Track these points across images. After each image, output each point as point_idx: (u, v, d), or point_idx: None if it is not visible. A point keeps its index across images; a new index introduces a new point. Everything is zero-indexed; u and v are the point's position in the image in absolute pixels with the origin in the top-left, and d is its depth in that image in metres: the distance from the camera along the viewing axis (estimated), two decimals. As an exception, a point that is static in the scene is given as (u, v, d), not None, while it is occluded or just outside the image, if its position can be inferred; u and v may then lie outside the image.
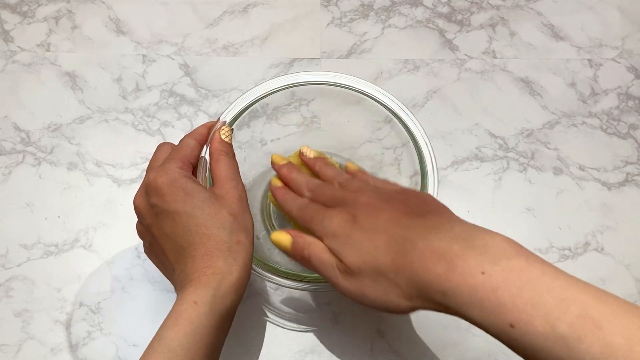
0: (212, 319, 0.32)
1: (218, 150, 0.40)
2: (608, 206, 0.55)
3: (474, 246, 0.28)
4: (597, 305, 0.25)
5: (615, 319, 0.24)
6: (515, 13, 0.66)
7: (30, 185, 0.55)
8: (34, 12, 0.65)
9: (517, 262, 0.27)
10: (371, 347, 0.48)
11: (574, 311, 0.25)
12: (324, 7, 0.66)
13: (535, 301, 0.25)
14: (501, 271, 0.26)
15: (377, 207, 0.33)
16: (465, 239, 0.28)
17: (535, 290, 0.26)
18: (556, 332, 0.25)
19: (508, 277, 0.26)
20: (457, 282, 0.27)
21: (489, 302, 0.26)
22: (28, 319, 0.49)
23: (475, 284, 0.27)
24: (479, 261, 0.27)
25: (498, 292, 0.26)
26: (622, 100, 0.61)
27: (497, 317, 0.26)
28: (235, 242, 0.35)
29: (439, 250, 0.28)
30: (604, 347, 0.24)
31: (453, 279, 0.27)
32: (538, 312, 0.25)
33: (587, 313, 0.24)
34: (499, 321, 0.26)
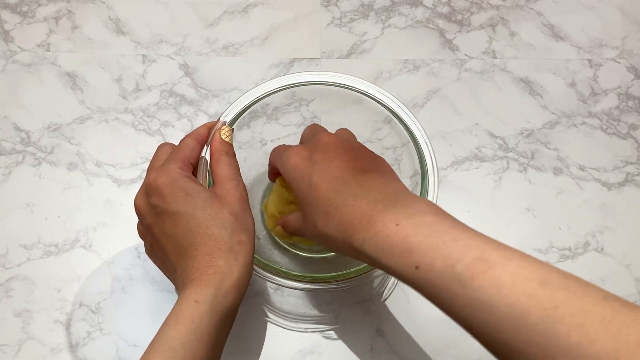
0: (213, 318, 0.32)
1: (218, 150, 0.40)
2: (608, 206, 0.55)
3: (395, 205, 0.31)
4: (494, 251, 0.27)
5: (507, 261, 0.27)
6: (515, 13, 0.66)
7: (30, 185, 0.55)
8: (34, 12, 0.65)
9: (430, 218, 0.30)
10: (371, 347, 0.48)
11: (472, 255, 0.27)
12: (324, 7, 0.66)
13: (439, 246, 0.28)
14: (413, 224, 0.30)
15: (334, 150, 0.35)
16: (389, 199, 0.32)
17: (440, 238, 0.29)
18: (454, 272, 0.27)
19: (418, 228, 0.29)
20: (374, 232, 0.30)
21: (398, 247, 0.29)
22: (28, 319, 0.49)
23: (389, 233, 0.30)
24: (396, 216, 0.30)
25: (407, 239, 0.29)
26: (622, 100, 0.61)
27: (404, 260, 0.29)
28: (236, 242, 0.35)
29: (365, 208, 0.32)
30: (492, 283, 0.26)
31: (371, 230, 0.31)
32: (440, 255, 0.28)
33: (484, 256, 0.27)
34: (405, 264, 0.29)
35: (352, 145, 0.37)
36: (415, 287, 0.30)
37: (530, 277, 0.26)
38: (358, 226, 0.31)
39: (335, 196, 0.33)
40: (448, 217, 0.30)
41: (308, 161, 0.35)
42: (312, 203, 0.34)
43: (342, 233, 0.32)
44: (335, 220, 0.32)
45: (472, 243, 0.28)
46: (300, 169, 0.35)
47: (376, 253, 0.30)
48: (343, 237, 0.32)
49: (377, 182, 0.33)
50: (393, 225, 0.30)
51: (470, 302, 0.26)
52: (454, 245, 0.28)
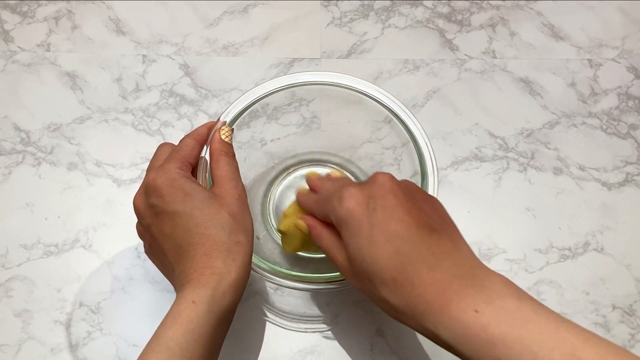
0: (210, 318, 0.32)
1: (218, 150, 0.40)
2: (608, 206, 0.55)
3: (473, 285, 0.29)
4: (585, 347, 0.25)
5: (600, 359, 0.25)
6: (515, 13, 0.66)
7: (30, 185, 0.55)
8: (34, 12, 0.65)
9: (511, 302, 0.28)
10: (371, 347, 0.48)
11: (562, 350, 0.25)
12: (324, 7, 0.66)
13: (525, 339, 0.26)
14: (493, 310, 0.27)
15: (392, 196, 0.32)
16: (466, 277, 0.29)
17: (525, 328, 0.26)
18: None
19: (500, 315, 0.27)
20: (451, 317, 0.28)
21: (479, 338, 0.27)
22: (28, 319, 0.49)
23: (468, 321, 0.27)
24: (475, 300, 0.28)
25: (488, 329, 0.27)
26: (622, 100, 0.61)
27: (485, 353, 0.27)
28: (234, 243, 0.35)
29: (440, 285, 0.29)
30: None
31: (446, 314, 0.28)
32: (527, 350, 0.26)
33: (575, 354, 0.25)
34: (487, 357, 0.27)
35: (410, 189, 0.34)
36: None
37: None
38: (432, 305, 0.29)
39: (405, 264, 0.30)
40: (529, 300, 0.28)
41: (365, 208, 0.31)
42: (374, 263, 0.30)
43: (412, 309, 0.29)
44: (405, 292, 0.29)
45: (560, 336, 0.26)
46: (357, 217, 0.31)
47: (453, 341, 0.28)
48: (412, 313, 0.29)
49: (447, 247, 0.31)
50: (472, 310, 0.27)
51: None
52: (541, 338, 0.26)
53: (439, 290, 0.29)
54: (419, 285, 0.29)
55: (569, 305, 0.51)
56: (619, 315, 0.50)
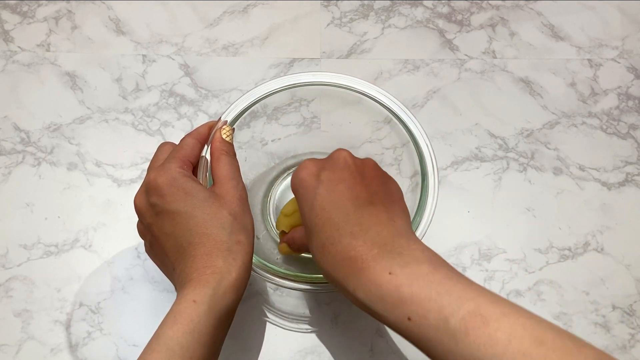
0: (211, 318, 0.32)
1: (219, 150, 0.40)
2: (608, 206, 0.55)
3: (391, 251, 0.30)
4: (489, 305, 0.27)
5: (502, 317, 0.26)
6: (515, 13, 0.66)
7: (30, 185, 0.55)
8: (34, 12, 0.65)
9: (425, 267, 0.29)
10: (371, 347, 0.48)
11: (466, 308, 0.27)
12: (324, 7, 0.66)
13: (433, 298, 0.27)
14: (407, 273, 0.29)
15: (341, 171, 0.34)
16: (386, 244, 0.31)
17: (434, 289, 0.28)
18: (447, 326, 0.26)
19: (412, 277, 0.29)
20: (367, 279, 0.30)
21: (391, 297, 0.29)
22: (28, 319, 0.49)
23: (381, 282, 0.29)
24: (390, 264, 0.30)
25: (400, 289, 0.28)
26: (622, 100, 0.61)
27: (396, 311, 0.28)
28: (235, 242, 0.35)
29: (360, 250, 0.31)
30: (487, 340, 0.25)
31: (364, 276, 0.30)
32: (433, 307, 0.27)
33: (479, 311, 0.26)
34: (398, 314, 0.28)
35: (364, 168, 0.36)
36: (407, 338, 0.29)
37: (525, 335, 0.25)
38: (351, 269, 0.31)
39: (333, 231, 0.32)
40: (443, 267, 0.30)
41: (315, 179, 0.34)
42: (312, 229, 0.33)
43: (336, 272, 0.31)
44: (330, 257, 0.32)
45: (466, 296, 0.27)
46: (305, 186, 0.35)
47: (369, 301, 0.30)
48: (336, 276, 0.32)
49: (377, 218, 0.32)
50: (386, 273, 0.29)
51: (463, 357, 0.26)
52: (448, 297, 0.27)
53: (358, 255, 0.31)
54: (342, 251, 0.31)
55: (569, 305, 0.51)
56: (619, 315, 0.50)
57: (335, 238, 0.32)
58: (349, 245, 0.31)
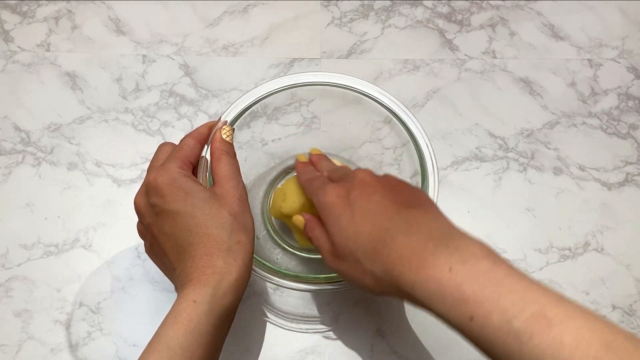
0: (211, 318, 0.32)
1: (219, 150, 0.40)
2: (608, 206, 0.55)
3: (447, 246, 0.29)
4: (554, 307, 0.26)
5: (568, 320, 0.25)
6: (515, 13, 0.66)
7: (30, 185, 0.55)
8: (34, 12, 0.65)
9: (485, 263, 0.28)
10: (371, 347, 0.48)
11: (530, 309, 0.26)
12: (324, 7, 0.66)
13: (496, 298, 0.27)
14: (467, 270, 0.28)
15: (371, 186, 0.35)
16: (441, 239, 0.30)
17: (497, 288, 0.27)
18: (511, 327, 0.26)
19: (473, 275, 0.28)
20: (426, 276, 0.29)
21: (452, 296, 0.28)
22: (28, 319, 0.49)
23: (442, 279, 0.28)
24: (449, 260, 0.29)
25: (461, 287, 0.28)
26: (622, 100, 0.61)
27: (458, 311, 0.28)
28: (235, 242, 0.35)
29: (415, 246, 0.30)
30: (552, 343, 0.24)
31: (422, 273, 0.29)
32: (497, 308, 0.26)
33: (543, 312, 0.26)
34: (459, 314, 0.27)
35: (390, 181, 0.36)
36: (469, 338, 0.28)
37: (593, 338, 0.24)
38: (408, 267, 0.30)
39: (383, 233, 0.32)
40: (503, 263, 0.29)
41: (346, 200, 0.34)
42: (357, 239, 0.33)
43: (391, 272, 0.30)
44: (383, 258, 0.31)
45: (529, 296, 0.26)
46: (339, 207, 0.34)
47: (428, 299, 0.29)
48: (391, 277, 0.31)
49: (422, 217, 0.32)
50: (446, 270, 0.28)
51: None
52: (511, 297, 0.26)
53: (415, 251, 0.30)
54: (396, 249, 0.31)
55: (569, 305, 0.51)
56: (619, 315, 0.50)
57: (386, 240, 0.31)
58: (403, 242, 0.31)
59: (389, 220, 0.32)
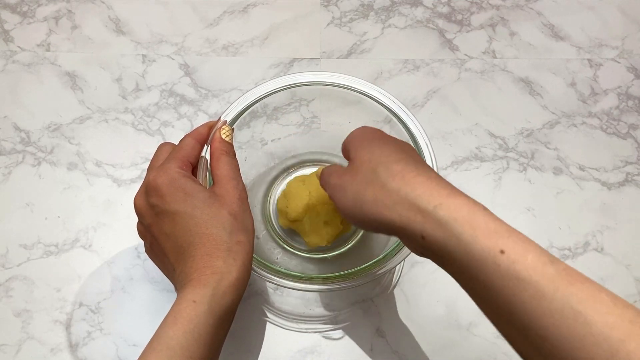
0: (211, 318, 0.32)
1: (219, 150, 0.40)
2: (608, 206, 0.55)
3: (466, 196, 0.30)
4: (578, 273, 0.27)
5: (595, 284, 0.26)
6: (515, 13, 0.66)
7: (30, 185, 0.55)
8: (34, 12, 0.65)
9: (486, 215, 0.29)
10: (371, 347, 0.48)
11: (562, 265, 0.26)
12: (324, 7, 0.66)
13: (529, 243, 0.27)
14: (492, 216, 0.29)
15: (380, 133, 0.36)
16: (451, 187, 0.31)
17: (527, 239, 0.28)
18: (545, 270, 0.26)
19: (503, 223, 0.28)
20: (456, 201, 0.29)
21: (486, 225, 0.28)
22: (28, 319, 0.49)
23: (475, 209, 0.28)
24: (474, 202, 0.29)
25: (495, 223, 0.28)
26: (622, 100, 0.61)
27: (488, 240, 0.27)
28: (235, 242, 0.35)
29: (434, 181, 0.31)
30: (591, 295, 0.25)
31: (451, 198, 0.29)
32: (532, 250, 0.27)
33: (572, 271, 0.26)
34: (489, 244, 0.27)
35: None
36: (487, 273, 0.27)
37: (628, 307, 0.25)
38: (436, 190, 0.30)
39: (411, 164, 0.32)
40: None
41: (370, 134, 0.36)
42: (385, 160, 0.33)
43: (408, 189, 0.30)
44: (410, 179, 0.31)
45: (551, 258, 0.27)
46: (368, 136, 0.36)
47: (453, 221, 0.28)
48: (406, 191, 0.30)
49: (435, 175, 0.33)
50: (480, 206, 0.29)
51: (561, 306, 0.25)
52: (541, 250, 0.27)
53: (444, 184, 0.31)
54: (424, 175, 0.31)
55: (569, 305, 0.51)
56: (619, 315, 0.50)
57: (414, 169, 0.31)
58: (431, 174, 0.31)
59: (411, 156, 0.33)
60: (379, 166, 0.32)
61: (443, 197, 0.29)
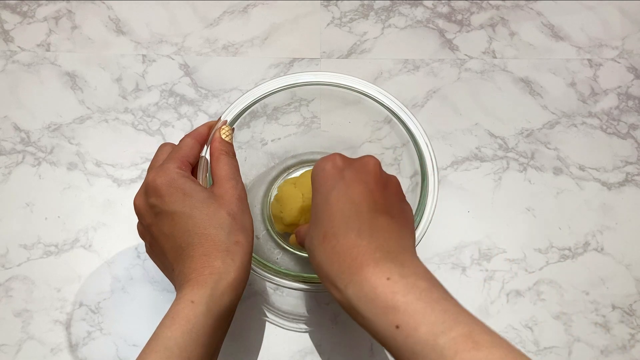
0: (209, 318, 0.32)
1: (218, 150, 0.40)
2: (608, 206, 0.55)
3: (394, 260, 0.30)
4: (483, 333, 0.26)
5: (494, 347, 0.26)
6: (515, 13, 0.66)
7: (30, 185, 0.55)
8: (34, 12, 0.65)
9: (424, 283, 0.29)
10: (371, 347, 0.48)
11: (460, 330, 0.26)
12: (324, 7, 0.66)
13: (427, 312, 0.27)
14: (405, 283, 0.29)
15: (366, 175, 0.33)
16: (390, 252, 0.30)
17: (430, 305, 0.27)
18: (437, 342, 0.26)
19: (409, 288, 0.28)
20: (363, 278, 0.29)
21: (384, 301, 0.28)
22: (28, 319, 0.49)
23: (377, 284, 0.29)
24: (390, 271, 0.29)
25: (395, 296, 0.28)
26: (622, 100, 0.61)
27: (386, 317, 0.28)
28: (233, 243, 0.35)
29: (362, 250, 0.30)
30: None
31: (360, 274, 0.29)
32: (426, 321, 0.27)
33: (472, 335, 0.26)
34: (386, 321, 0.28)
35: (388, 181, 0.35)
36: (390, 348, 0.28)
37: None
38: (347, 265, 0.30)
39: (341, 224, 0.31)
40: (441, 288, 0.29)
41: (338, 172, 0.34)
42: (319, 218, 0.33)
43: (331, 265, 0.31)
44: (329, 248, 0.31)
45: (461, 319, 0.27)
46: (326, 176, 0.34)
47: (357, 300, 0.29)
48: (330, 269, 0.31)
49: (388, 227, 0.32)
50: (384, 277, 0.29)
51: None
52: (443, 316, 0.27)
53: (360, 254, 0.30)
54: (343, 245, 0.31)
55: (569, 305, 0.51)
56: (619, 315, 0.50)
57: (340, 231, 0.31)
58: (352, 242, 0.31)
59: (356, 214, 0.32)
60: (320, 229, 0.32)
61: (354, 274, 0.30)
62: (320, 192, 0.34)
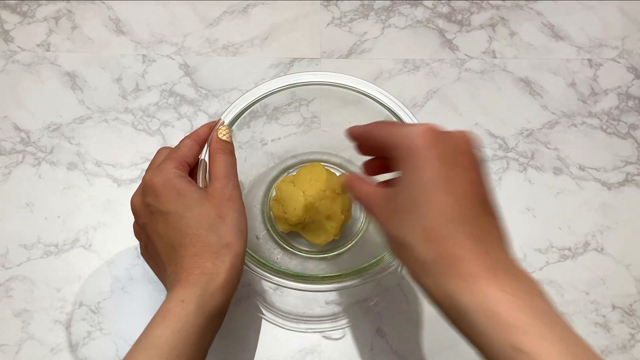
0: (199, 317, 0.32)
1: (215, 149, 0.40)
2: (608, 206, 0.55)
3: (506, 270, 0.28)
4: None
5: None
6: (515, 13, 0.66)
7: (30, 185, 0.55)
8: (34, 12, 0.65)
9: (542, 303, 0.27)
10: (371, 347, 0.48)
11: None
12: (324, 7, 0.66)
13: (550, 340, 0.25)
14: (526, 299, 0.27)
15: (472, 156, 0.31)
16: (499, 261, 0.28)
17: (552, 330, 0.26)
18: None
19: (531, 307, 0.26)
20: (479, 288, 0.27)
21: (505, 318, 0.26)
22: (28, 319, 0.49)
23: (499, 298, 0.26)
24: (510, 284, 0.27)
25: (515, 313, 0.26)
26: (622, 100, 0.61)
27: (505, 335, 0.26)
28: (223, 245, 0.35)
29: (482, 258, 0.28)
30: None
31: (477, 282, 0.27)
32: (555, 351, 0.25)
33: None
34: (505, 340, 0.26)
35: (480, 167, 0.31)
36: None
37: None
38: (464, 270, 0.27)
39: (448, 221, 0.28)
40: (552, 303, 0.28)
41: (442, 145, 0.30)
42: (415, 204, 0.29)
43: (440, 264, 0.28)
44: (440, 247, 0.28)
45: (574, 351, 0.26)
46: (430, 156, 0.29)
47: (471, 311, 0.27)
48: (437, 268, 0.28)
49: (496, 232, 0.30)
50: (507, 291, 0.26)
51: None
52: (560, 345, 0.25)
53: (479, 262, 0.27)
54: (462, 248, 0.28)
55: (569, 305, 0.51)
56: (619, 315, 0.50)
57: (456, 232, 0.28)
58: (472, 247, 0.28)
59: (468, 210, 0.29)
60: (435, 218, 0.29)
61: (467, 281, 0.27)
62: (415, 174, 0.29)
